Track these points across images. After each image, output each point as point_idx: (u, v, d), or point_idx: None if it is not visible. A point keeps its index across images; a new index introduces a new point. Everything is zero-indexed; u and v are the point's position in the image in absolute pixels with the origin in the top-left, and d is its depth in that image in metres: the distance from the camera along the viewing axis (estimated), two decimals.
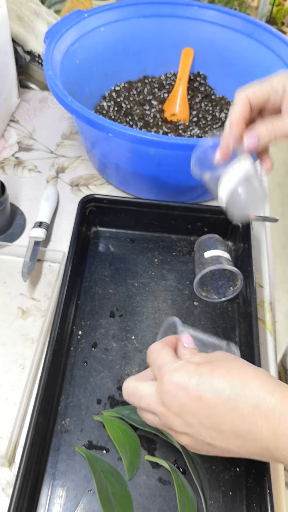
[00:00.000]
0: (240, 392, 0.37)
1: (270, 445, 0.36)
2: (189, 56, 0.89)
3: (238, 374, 0.38)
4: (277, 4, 2.47)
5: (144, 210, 0.71)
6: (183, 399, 0.39)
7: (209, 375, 0.38)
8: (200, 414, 0.38)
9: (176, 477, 0.49)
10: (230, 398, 0.37)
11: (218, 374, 0.38)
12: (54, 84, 0.66)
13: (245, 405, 0.36)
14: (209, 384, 0.38)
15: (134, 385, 0.43)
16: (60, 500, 0.50)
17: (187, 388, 0.38)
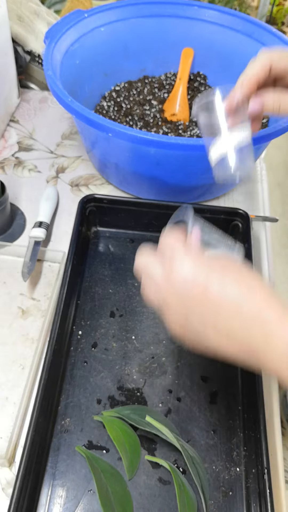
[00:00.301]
0: (246, 299, 0.36)
1: (260, 347, 0.36)
2: (189, 56, 0.89)
3: (247, 281, 0.37)
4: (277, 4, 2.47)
5: (144, 210, 0.71)
6: (189, 285, 0.38)
7: (221, 272, 0.38)
8: (202, 304, 0.38)
9: (176, 477, 0.49)
10: (234, 301, 0.37)
11: (230, 275, 0.38)
12: (54, 84, 0.66)
13: (248, 313, 0.36)
14: (219, 280, 0.37)
15: (147, 260, 0.44)
16: (60, 500, 0.50)
17: (196, 277, 0.38)
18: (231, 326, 0.37)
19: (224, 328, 0.37)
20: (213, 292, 0.37)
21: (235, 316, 0.37)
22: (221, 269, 0.38)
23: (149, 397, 0.58)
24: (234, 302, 0.37)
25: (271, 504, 0.46)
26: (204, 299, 0.38)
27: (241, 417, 0.57)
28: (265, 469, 0.48)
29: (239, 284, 0.37)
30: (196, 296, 0.38)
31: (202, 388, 0.59)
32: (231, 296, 0.37)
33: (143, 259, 0.44)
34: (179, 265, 0.39)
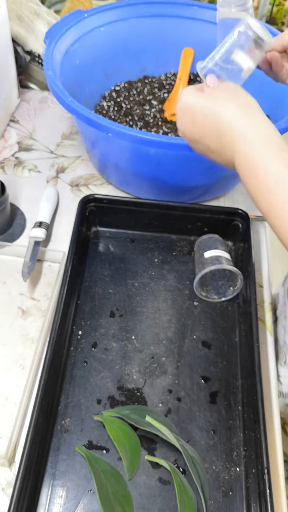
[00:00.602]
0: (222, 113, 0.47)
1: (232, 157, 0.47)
2: (189, 56, 0.89)
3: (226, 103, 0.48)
4: (277, 4, 2.47)
5: (144, 210, 0.71)
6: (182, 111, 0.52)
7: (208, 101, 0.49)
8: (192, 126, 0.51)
9: (176, 477, 0.49)
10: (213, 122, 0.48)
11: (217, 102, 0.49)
12: (54, 84, 0.66)
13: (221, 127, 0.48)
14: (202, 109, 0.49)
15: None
16: (60, 500, 0.50)
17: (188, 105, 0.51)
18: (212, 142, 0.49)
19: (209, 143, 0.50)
20: (198, 118, 0.50)
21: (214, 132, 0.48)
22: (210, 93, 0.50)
23: (149, 397, 0.58)
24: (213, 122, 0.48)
25: (271, 504, 0.46)
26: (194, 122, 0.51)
27: (241, 417, 0.57)
28: (265, 469, 0.48)
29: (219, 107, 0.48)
30: (188, 120, 0.51)
31: (202, 388, 0.59)
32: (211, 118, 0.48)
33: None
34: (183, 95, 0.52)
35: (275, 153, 0.43)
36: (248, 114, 0.46)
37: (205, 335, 0.64)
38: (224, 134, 0.47)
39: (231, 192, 0.83)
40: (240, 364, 0.61)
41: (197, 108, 0.50)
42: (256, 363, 0.56)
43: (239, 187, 0.84)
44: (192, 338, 0.63)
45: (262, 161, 0.43)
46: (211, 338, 0.64)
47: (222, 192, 0.81)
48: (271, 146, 0.44)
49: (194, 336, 0.64)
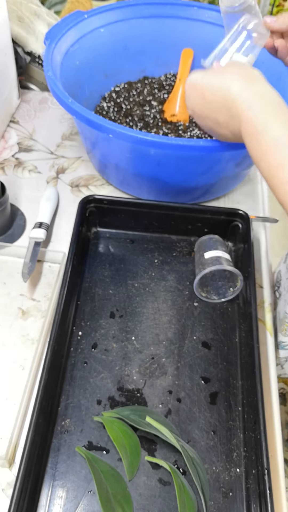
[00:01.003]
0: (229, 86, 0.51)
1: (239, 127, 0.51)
2: (189, 57, 0.89)
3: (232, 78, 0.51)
4: (277, 5, 2.47)
5: (144, 211, 0.71)
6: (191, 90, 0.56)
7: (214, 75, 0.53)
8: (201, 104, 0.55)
9: (176, 477, 0.49)
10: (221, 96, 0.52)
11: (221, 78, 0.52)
12: (54, 85, 0.66)
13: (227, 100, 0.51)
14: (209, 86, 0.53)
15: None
16: (60, 500, 0.50)
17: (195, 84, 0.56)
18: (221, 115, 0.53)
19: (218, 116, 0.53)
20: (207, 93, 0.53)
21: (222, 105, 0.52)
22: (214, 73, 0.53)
23: (149, 397, 0.58)
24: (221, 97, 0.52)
25: (271, 505, 0.46)
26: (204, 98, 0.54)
27: (241, 418, 0.57)
28: (265, 470, 0.48)
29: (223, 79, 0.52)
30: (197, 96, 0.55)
31: (202, 389, 0.59)
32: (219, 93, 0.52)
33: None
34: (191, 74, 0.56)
35: (278, 118, 0.47)
36: (252, 85, 0.50)
37: (205, 335, 0.64)
38: (232, 105, 0.50)
39: (231, 193, 0.83)
40: (240, 365, 0.61)
41: (205, 85, 0.54)
42: (256, 364, 0.56)
43: (239, 188, 0.84)
44: (192, 339, 0.63)
45: (266, 125, 0.47)
46: (211, 338, 0.64)
47: (222, 193, 0.81)
48: (274, 111, 0.47)
49: (194, 336, 0.64)
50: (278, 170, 0.45)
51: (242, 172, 0.78)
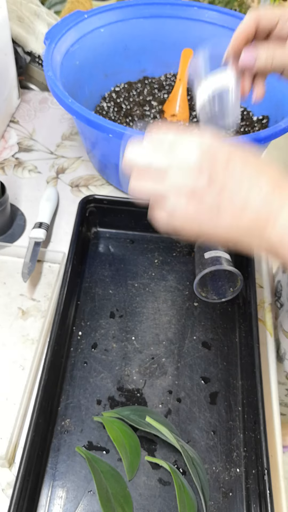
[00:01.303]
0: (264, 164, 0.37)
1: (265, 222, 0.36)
2: (189, 57, 0.89)
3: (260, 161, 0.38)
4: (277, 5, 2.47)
5: (144, 211, 0.71)
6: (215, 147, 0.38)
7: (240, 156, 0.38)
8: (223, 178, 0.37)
9: (176, 477, 0.49)
10: (256, 163, 0.37)
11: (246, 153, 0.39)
12: (54, 85, 0.66)
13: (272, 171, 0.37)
14: (241, 150, 0.38)
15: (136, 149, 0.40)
16: (60, 500, 0.50)
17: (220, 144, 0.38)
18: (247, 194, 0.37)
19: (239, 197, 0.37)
20: (238, 155, 0.37)
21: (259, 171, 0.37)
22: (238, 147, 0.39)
23: (149, 397, 0.58)
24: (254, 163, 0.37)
25: (271, 505, 0.46)
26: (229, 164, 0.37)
27: (241, 418, 0.57)
28: (265, 470, 0.48)
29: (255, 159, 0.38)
30: (222, 159, 0.37)
31: (202, 389, 0.59)
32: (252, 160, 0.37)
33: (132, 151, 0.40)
34: (197, 137, 0.38)
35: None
36: None
37: (205, 335, 0.64)
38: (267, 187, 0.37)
39: None
40: (240, 365, 0.61)
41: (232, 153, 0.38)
42: (256, 363, 0.56)
43: None
44: (192, 339, 0.63)
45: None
46: (211, 338, 0.64)
47: None
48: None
49: (194, 336, 0.64)
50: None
51: None
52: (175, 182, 0.38)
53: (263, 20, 0.49)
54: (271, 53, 0.49)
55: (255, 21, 0.49)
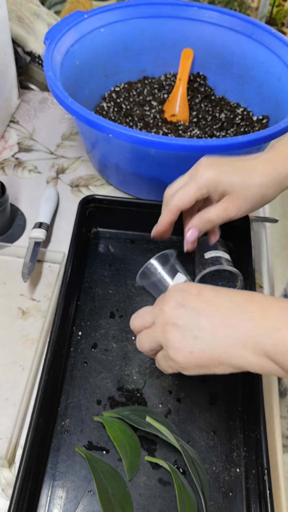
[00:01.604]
0: (236, 292, 0.42)
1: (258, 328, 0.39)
2: (189, 57, 0.89)
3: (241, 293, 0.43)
4: (277, 5, 2.48)
5: (144, 211, 0.71)
6: (183, 293, 0.44)
7: (211, 288, 0.44)
8: (198, 302, 0.43)
9: (176, 477, 0.49)
10: (227, 293, 0.43)
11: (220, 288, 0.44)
12: (54, 85, 0.66)
13: (241, 296, 0.41)
14: (210, 287, 0.44)
15: (138, 310, 0.50)
16: (60, 501, 0.50)
17: (188, 288, 0.44)
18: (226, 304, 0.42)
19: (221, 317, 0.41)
20: (207, 293, 0.43)
21: (229, 300, 0.42)
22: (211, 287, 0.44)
23: (149, 398, 0.58)
24: (225, 294, 0.43)
25: (271, 505, 0.46)
26: (200, 301, 0.43)
27: (241, 418, 0.57)
28: (265, 470, 0.48)
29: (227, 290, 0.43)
30: (192, 300, 0.43)
31: (202, 389, 0.59)
32: (223, 292, 0.43)
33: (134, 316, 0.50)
34: (172, 289, 0.45)
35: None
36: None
37: None
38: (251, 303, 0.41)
39: None
40: None
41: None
42: None
43: None
44: None
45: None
46: None
47: None
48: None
49: None
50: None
51: None
52: (158, 323, 0.45)
53: (183, 206, 0.55)
54: (200, 221, 0.56)
55: (176, 212, 0.56)
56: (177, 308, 0.43)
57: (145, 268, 0.63)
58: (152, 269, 0.63)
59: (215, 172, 0.52)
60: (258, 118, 0.84)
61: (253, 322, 0.39)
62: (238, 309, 0.40)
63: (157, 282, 0.62)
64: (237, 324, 0.40)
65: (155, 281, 0.63)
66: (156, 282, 0.63)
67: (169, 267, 0.63)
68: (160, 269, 0.62)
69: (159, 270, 0.62)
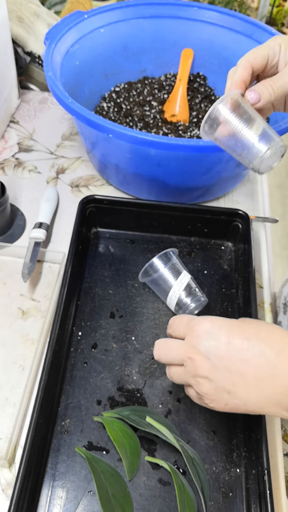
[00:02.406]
0: (267, 340, 0.41)
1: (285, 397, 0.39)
2: (189, 57, 0.89)
3: (264, 328, 0.42)
4: (277, 5, 2.48)
5: (144, 211, 0.71)
6: (213, 342, 0.42)
7: (238, 326, 0.43)
8: (228, 358, 0.42)
9: (176, 478, 0.49)
10: (257, 344, 0.41)
11: (247, 326, 0.43)
12: (54, 85, 0.66)
13: (270, 351, 0.40)
14: (239, 332, 0.42)
15: (165, 339, 0.48)
16: (60, 501, 0.50)
17: (218, 333, 0.42)
18: (259, 367, 0.40)
19: (253, 372, 0.41)
20: (236, 343, 0.42)
21: (260, 356, 0.40)
22: (239, 323, 0.43)
23: (149, 398, 0.58)
24: (256, 345, 0.41)
25: (271, 505, 0.46)
26: (229, 352, 0.42)
27: (241, 418, 0.57)
28: (265, 470, 0.48)
29: (257, 331, 0.42)
30: (221, 351, 0.42)
31: None
32: (253, 342, 0.41)
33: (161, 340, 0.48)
34: (200, 330, 0.44)
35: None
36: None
37: None
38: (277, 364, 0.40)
39: (231, 193, 0.83)
40: None
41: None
42: None
43: (239, 188, 0.84)
44: None
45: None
46: None
47: (222, 193, 0.81)
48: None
49: None
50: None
51: (242, 172, 0.78)
52: (188, 370, 0.45)
53: (255, 63, 0.51)
54: (270, 87, 0.51)
55: (249, 67, 0.51)
56: (207, 361, 0.42)
57: (148, 266, 0.63)
58: (154, 267, 0.63)
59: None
60: None
61: (284, 386, 0.39)
62: (269, 370, 0.40)
63: (159, 279, 0.63)
64: (268, 386, 0.40)
65: (157, 278, 0.63)
66: (158, 279, 0.63)
67: (171, 265, 0.63)
68: (162, 267, 0.63)
69: (161, 268, 0.63)
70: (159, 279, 0.63)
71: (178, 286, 0.62)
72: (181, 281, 0.62)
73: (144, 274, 0.65)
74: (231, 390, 0.41)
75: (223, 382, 0.42)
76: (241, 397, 0.41)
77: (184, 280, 0.62)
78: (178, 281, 0.62)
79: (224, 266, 0.72)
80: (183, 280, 0.62)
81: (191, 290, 0.62)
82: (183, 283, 0.62)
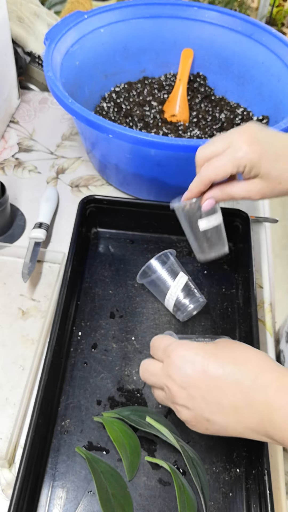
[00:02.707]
0: (242, 367, 0.40)
1: (264, 419, 0.38)
2: (189, 57, 0.89)
3: (240, 353, 0.42)
4: (277, 5, 2.48)
5: (144, 211, 0.71)
6: (188, 371, 0.42)
7: (214, 352, 0.42)
8: (203, 387, 0.41)
9: (176, 478, 0.49)
10: (232, 372, 0.40)
11: (223, 352, 0.42)
12: (54, 85, 0.66)
13: (245, 379, 0.39)
14: (214, 359, 0.41)
15: (148, 362, 0.47)
16: (60, 501, 0.50)
17: (193, 361, 0.42)
18: (234, 397, 0.40)
19: (229, 402, 0.40)
20: (211, 372, 0.41)
21: (235, 385, 0.40)
22: (214, 349, 0.42)
23: (149, 398, 0.58)
24: (231, 373, 0.40)
25: (271, 505, 0.46)
26: (205, 382, 0.41)
27: None
28: (265, 470, 0.48)
29: (232, 358, 0.41)
30: (197, 381, 0.41)
31: None
32: (228, 370, 0.40)
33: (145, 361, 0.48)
34: (175, 358, 0.43)
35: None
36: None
37: (205, 336, 0.64)
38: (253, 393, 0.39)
39: None
40: None
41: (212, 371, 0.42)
42: None
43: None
44: None
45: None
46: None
47: None
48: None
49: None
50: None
51: None
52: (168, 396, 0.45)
53: (217, 180, 0.52)
54: (226, 189, 0.53)
55: (207, 184, 0.53)
56: (183, 391, 0.42)
57: (146, 267, 0.63)
58: (152, 268, 0.63)
59: (258, 155, 0.49)
60: (258, 118, 0.84)
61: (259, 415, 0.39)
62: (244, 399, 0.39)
63: (157, 280, 0.63)
64: (244, 415, 0.39)
65: (155, 280, 0.63)
66: (156, 280, 0.63)
67: (168, 266, 0.63)
68: (160, 269, 0.63)
69: (159, 269, 0.63)
70: (157, 280, 0.63)
71: (175, 287, 0.62)
72: (178, 282, 0.62)
73: (142, 276, 0.64)
74: (209, 418, 0.41)
75: (201, 411, 0.42)
76: (220, 424, 0.41)
77: (181, 282, 0.62)
78: (175, 283, 0.62)
79: (224, 266, 0.72)
80: (180, 281, 0.62)
81: (189, 291, 0.62)
82: (180, 284, 0.62)
